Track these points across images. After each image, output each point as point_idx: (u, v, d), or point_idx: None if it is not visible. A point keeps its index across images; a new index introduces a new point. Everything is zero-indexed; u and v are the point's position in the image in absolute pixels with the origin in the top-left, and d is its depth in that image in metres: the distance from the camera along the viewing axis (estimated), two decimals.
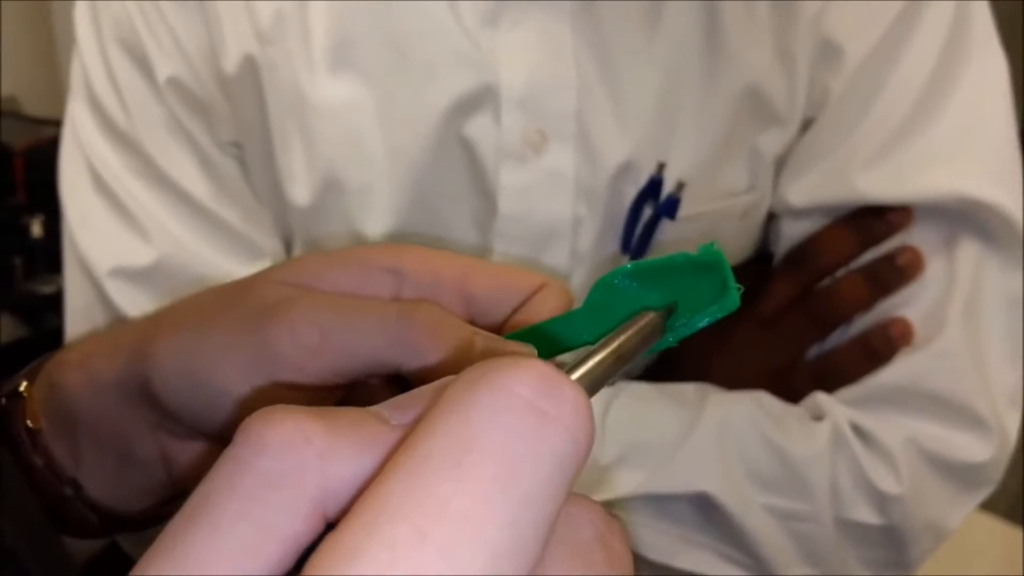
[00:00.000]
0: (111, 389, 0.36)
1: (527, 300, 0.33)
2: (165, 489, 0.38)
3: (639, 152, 0.59)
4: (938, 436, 0.58)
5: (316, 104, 0.59)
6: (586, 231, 0.60)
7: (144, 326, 0.36)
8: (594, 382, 0.30)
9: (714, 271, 0.32)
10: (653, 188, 0.59)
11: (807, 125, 0.62)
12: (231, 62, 0.58)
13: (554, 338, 0.32)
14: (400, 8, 0.58)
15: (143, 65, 0.59)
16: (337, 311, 0.31)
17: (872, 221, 0.60)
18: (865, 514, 0.57)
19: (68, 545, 0.38)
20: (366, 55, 0.58)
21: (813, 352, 0.62)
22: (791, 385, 0.61)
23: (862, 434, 0.58)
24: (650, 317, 0.32)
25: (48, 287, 1.45)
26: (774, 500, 0.57)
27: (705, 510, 0.57)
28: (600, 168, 0.59)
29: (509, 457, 0.16)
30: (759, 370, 0.62)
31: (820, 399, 0.59)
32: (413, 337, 0.30)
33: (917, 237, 0.59)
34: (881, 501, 0.57)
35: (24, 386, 0.38)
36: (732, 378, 0.62)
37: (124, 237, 0.60)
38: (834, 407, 0.59)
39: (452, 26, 0.58)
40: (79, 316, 0.62)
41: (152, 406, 0.34)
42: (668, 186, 0.59)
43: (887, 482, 0.56)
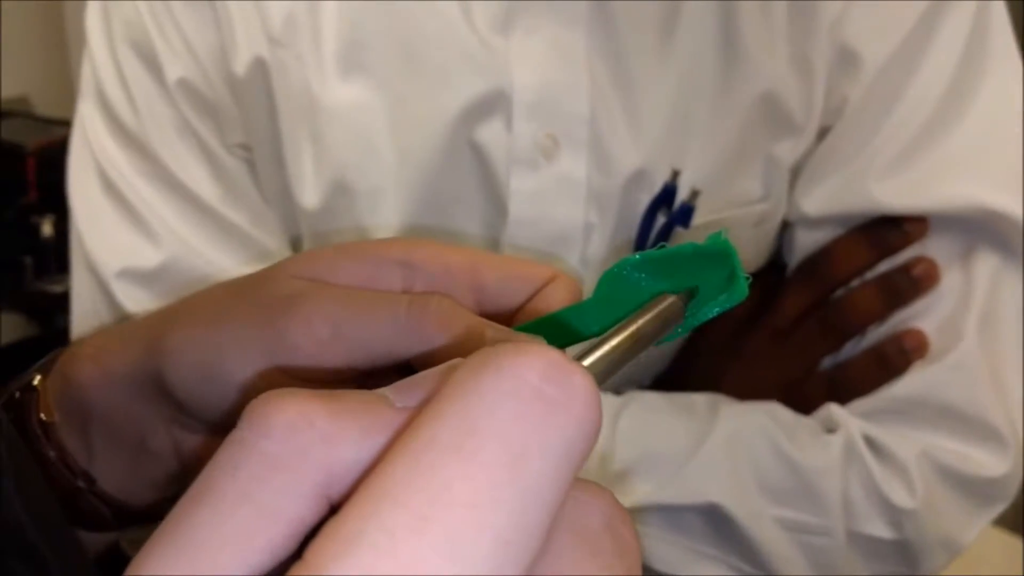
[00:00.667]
0: (124, 382, 0.36)
1: (537, 292, 0.33)
2: (178, 482, 0.38)
3: (652, 159, 0.58)
4: (953, 450, 0.57)
5: (326, 107, 0.58)
6: (597, 238, 0.60)
7: (158, 319, 0.36)
8: (612, 364, 0.29)
9: (723, 261, 0.31)
10: (667, 196, 0.58)
11: (823, 133, 0.61)
12: (241, 64, 0.58)
13: (563, 329, 0.32)
14: (412, 12, 0.57)
15: (153, 66, 0.58)
16: (349, 303, 0.31)
17: (888, 231, 0.59)
18: (878, 528, 0.56)
19: (81, 539, 0.38)
20: (377, 58, 0.58)
21: (826, 363, 0.61)
22: (804, 396, 0.61)
23: (875, 447, 0.57)
24: (670, 301, 0.32)
25: (58, 287, 1.45)
26: (785, 512, 0.56)
27: (715, 522, 0.56)
28: (612, 174, 0.58)
29: (514, 442, 0.16)
30: (772, 381, 0.62)
31: (833, 411, 0.58)
32: (424, 328, 0.30)
33: (933, 248, 0.59)
34: (894, 515, 0.56)
35: (38, 379, 0.38)
36: (744, 389, 0.61)
37: (132, 238, 0.60)
38: (847, 419, 0.58)
39: (465, 30, 0.57)
40: (86, 317, 0.61)
41: (165, 399, 0.34)
42: (682, 194, 0.58)
43: (901, 496, 0.56)
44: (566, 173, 0.58)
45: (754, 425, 0.57)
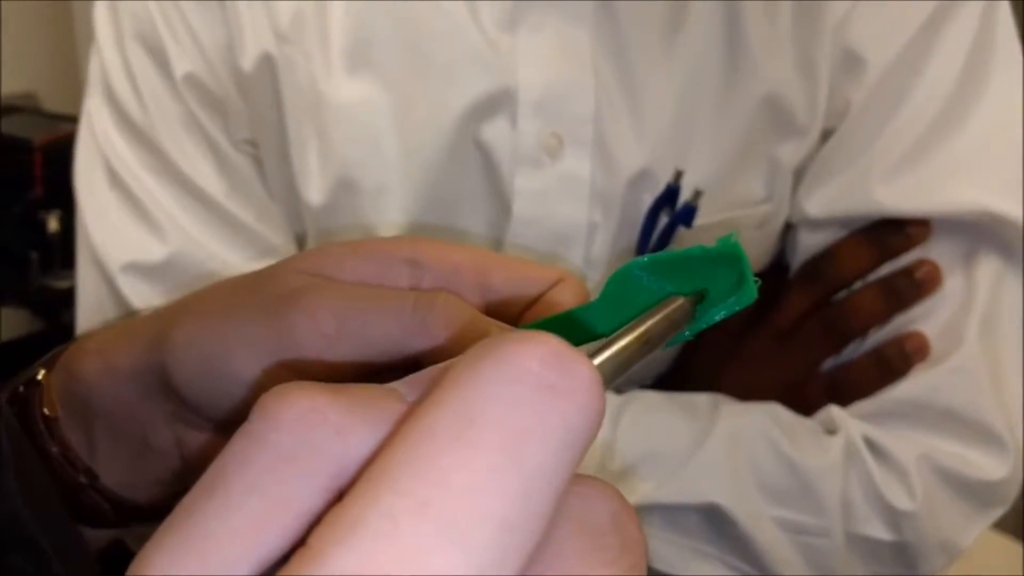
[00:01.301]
0: (128, 378, 0.36)
1: (544, 293, 0.33)
2: (181, 479, 0.38)
3: (656, 159, 0.59)
4: (953, 453, 0.57)
5: (333, 104, 0.58)
6: (601, 237, 0.60)
7: (162, 315, 0.36)
8: (620, 366, 0.29)
9: (731, 264, 0.32)
10: (670, 196, 0.59)
11: (827, 135, 0.61)
12: (249, 60, 0.58)
13: (569, 330, 0.32)
14: (419, 10, 0.58)
15: (161, 61, 0.59)
16: (355, 299, 0.31)
17: (890, 234, 0.59)
18: (877, 530, 0.56)
19: (83, 535, 0.38)
20: (384, 56, 0.58)
21: (828, 365, 0.62)
22: (805, 398, 0.61)
23: (876, 449, 0.57)
24: (680, 302, 0.32)
25: (64, 282, 1.45)
26: (785, 513, 0.56)
27: (715, 521, 0.57)
28: (616, 174, 0.59)
29: (514, 429, 0.16)
30: (773, 382, 0.62)
31: (834, 412, 0.59)
32: (430, 325, 0.31)
33: (935, 251, 0.59)
34: (894, 517, 0.56)
35: (42, 374, 0.38)
36: (745, 389, 0.61)
37: (138, 233, 0.60)
38: (848, 421, 0.58)
39: (471, 29, 0.57)
40: (91, 311, 0.62)
41: (168, 395, 0.34)
42: (685, 194, 0.58)
43: (900, 498, 0.56)
44: (570, 172, 0.58)
45: (754, 425, 0.57)
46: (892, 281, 0.59)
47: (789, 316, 0.62)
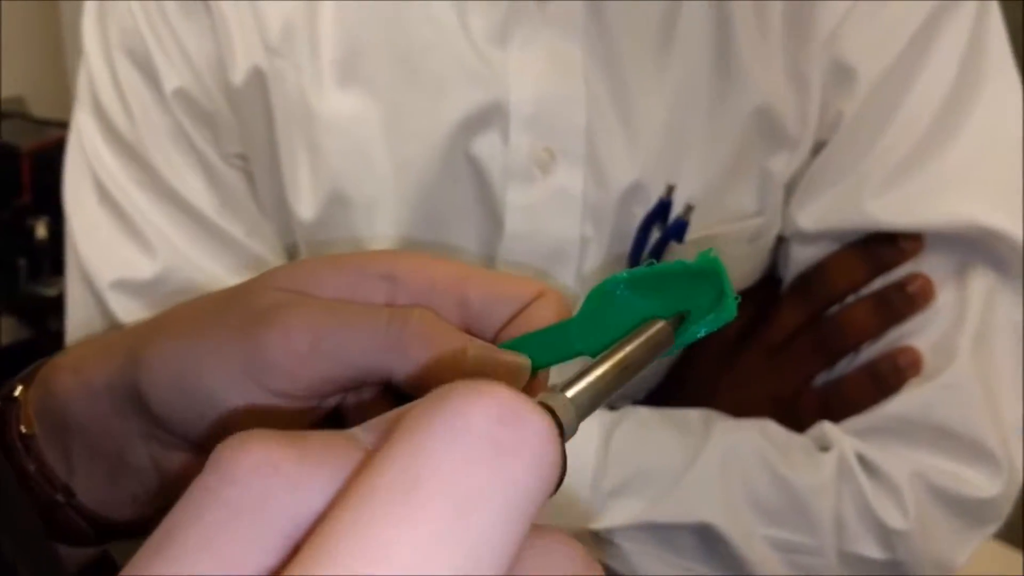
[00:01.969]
0: (103, 395, 0.35)
1: (524, 308, 0.32)
2: (159, 497, 0.37)
3: (648, 173, 0.58)
4: (946, 470, 0.57)
5: (323, 117, 0.58)
6: (593, 252, 0.59)
7: (138, 331, 0.36)
8: (598, 394, 0.29)
9: (712, 280, 0.31)
10: (661, 210, 0.58)
11: (818, 148, 0.61)
12: (239, 74, 0.58)
13: (549, 347, 0.32)
14: (410, 23, 0.57)
15: (150, 76, 0.58)
16: (329, 317, 0.31)
17: (883, 248, 0.59)
18: (870, 548, 0.56)
19: (60, 553, 0.38)
20: (375, 69, 0.58)
21: (820, 380, 0.61)
22: (797, 413, 0.60)
23: (868, 466, 0.57)
24: (660, 325, 0.32)
25: (52, 289, 1.45)
26: (777, 532, 0.56)
27: (707, 541, 0.56)
28: (608, 188, 0.58)
29: (461, 493, 0.15)
30: (765, 397, 0.62)
31: (826, 428, 0.58)
32: (405, 343, 0.30)
33: (928, 265, 0.58)
34: (886, 536, 0.56)
35: (19, 390, 0.38)
36: (737, 405, 0.61)
37: (127, 249, 0.59)
38: (840, 437, 0.58)
39: (462, 42, 0.57)
40: (80, 328, 0.61)
41: (143, 414, 0.34)
42: (676, 208, 0.58)
43: (893, 516, 0.56)
44: (562, 187, 0.58)
45: (747, 443, 0.57)
46: (885, 295, 0.59)
47: (781, 330, 0.62)
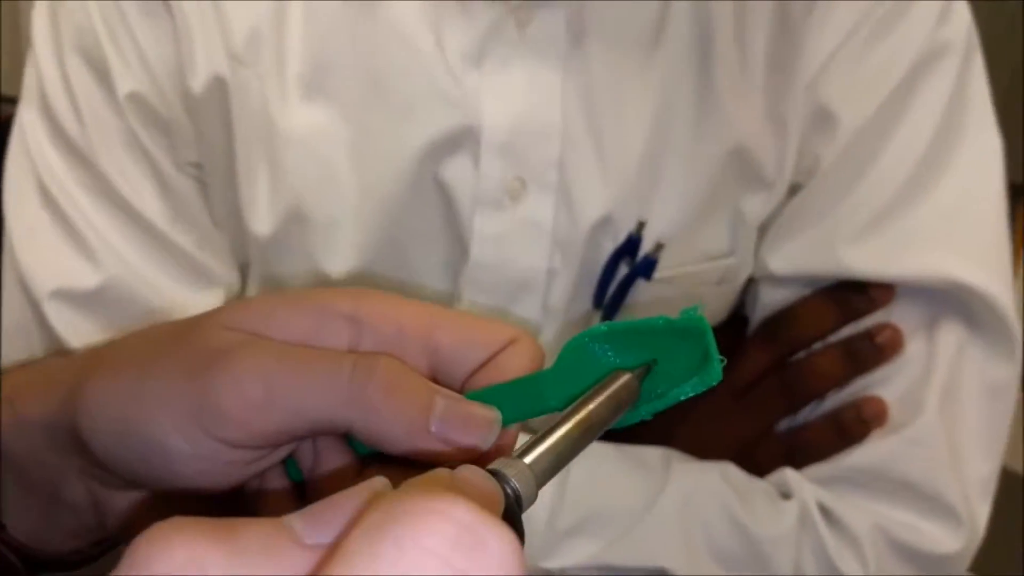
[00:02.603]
0: (39, 430, 0.33)
1: (496, 355, 0.30)
2: (95, 531, 0.35)
3: (619, 207, 0.57)
4: (907, 524, 0.56)
5: (286, 132, 0.56)
6: (559, 285, 0.58)
7: (79, 364, 0.33)
8: (559, 458, 0.27)
9: (696, 339, 0.30)
10: (630, 246, 0.57)
11: (794, 191, 0.60)
12: (199, 81, 0.55)
13: (520, 399, 0.30)
14: (382, 39, 0.55)
15: (103, 77, 0.55)
16: (286, 363, 0.29)
17: (853, 295, 0.58)
18: None
19: None
20: (342, 85, 0.55)
21: (783, 425, 0.60)
22: (758, 457, 0.59)
23: (829, 516, 0.56)
24: (624, 380, 0.30)
25: None
26: None
27: None
28: (578, 221, 0.57)
29: None
30: (726, 439, 0.60)
31: (788, 476, 0.57)
32: (368, 396, 0.28)
33: (898, 315, 0.58)
34: None
35: None
36: (698, 445, 0.60)
37: (69, 257, 0.56)
38: (802, 485, 0.57)
39: (435, 62, 0.55)
40: (14, 339, 0.58)
41: (82, 452, 0.32)
42: (647, 244, 0.57)
43: (852, 568, 0.55)
44: (532, 217, 0.56)
45: (707, 487, 0.56)
46: (853, 344, 0.58)
47: (746, 374, 0.61)
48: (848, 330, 0.59)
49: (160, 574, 0.15)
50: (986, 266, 0.56)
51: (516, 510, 0.24)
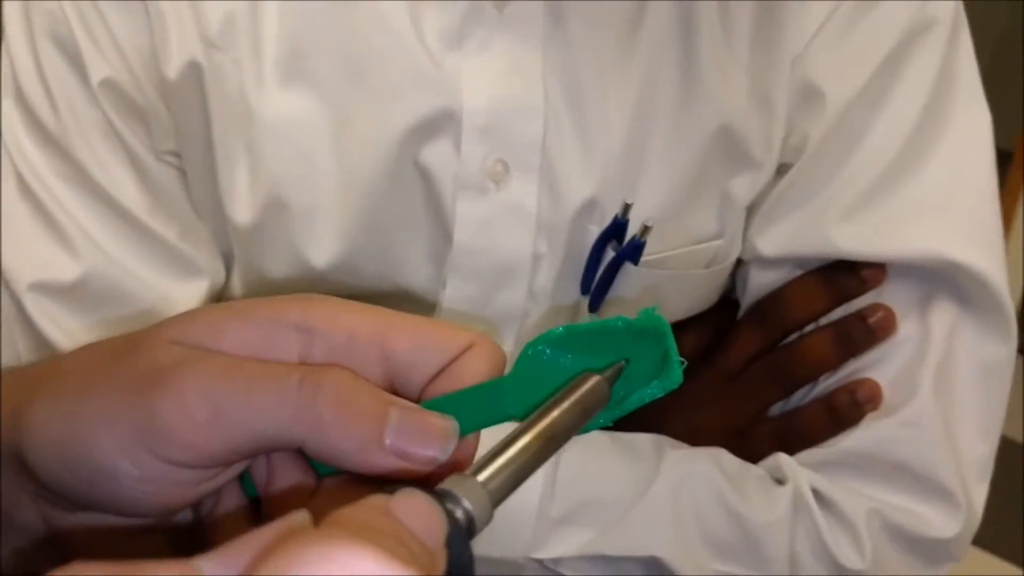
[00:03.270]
0: None
1: (454, 360, 0.29)
2: (45, 550, 0.34)
3: (604, 189, 0.56)
4: (903, 508, 0.55)
5: (264, 118, 0.55)
6: (545, 270, 0.57)
7: (23, 382, 0.32)
8: (519, 471, 0.26)
9: (655, 340, 0.29)
10: (617, 229, 0.56)
11: (782, 171, 0.59)
12: (173, 67, 0.54)
13: (478, 407, 0.29)
14: (360, 22, 0.54)
15: (76, 64, 0.54)
16: (231, 379, 0.27)
17: (844, 276, 0.57)
18: None
19: None
20: (320, 69, 0.55)
21: (776, 410, 0.59)
22: (750, 443, 0.58)
23: (824, 502, 0.55)
24: (592, 383, 0.29)
25: None
26: (728, 568, 0.54)
27: (656, 574, 0.54)
28: (563, 204, 0.56)
29: None
30: (718, 425, 0.60)
31: (782, 460, 0.56)
32: (317, 411, 0.27)
33: (890, 296, 0.57)
34: (841, 574, 0.54)
35: None
36: (689, 431, 0.59)
37: (48, 249, 0.55)
38: (796, 470, 0.56)
39: (414, 44, 0.54)
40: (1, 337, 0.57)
41: (29, 475, 0.30)
42: (633, 227, 0.56)
43: (848, 555, 0.54)
44: (516, 200, 0.55)
45: (699, 473, 0.55)
46: (845, 326, 0.57)
47: (737, 358, 0.60)
48: (840, 312, 0.58)
49: None
50: (979, 244, 0.55)
51: (461, 535, 0.23)
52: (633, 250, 0.56)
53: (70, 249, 0.55)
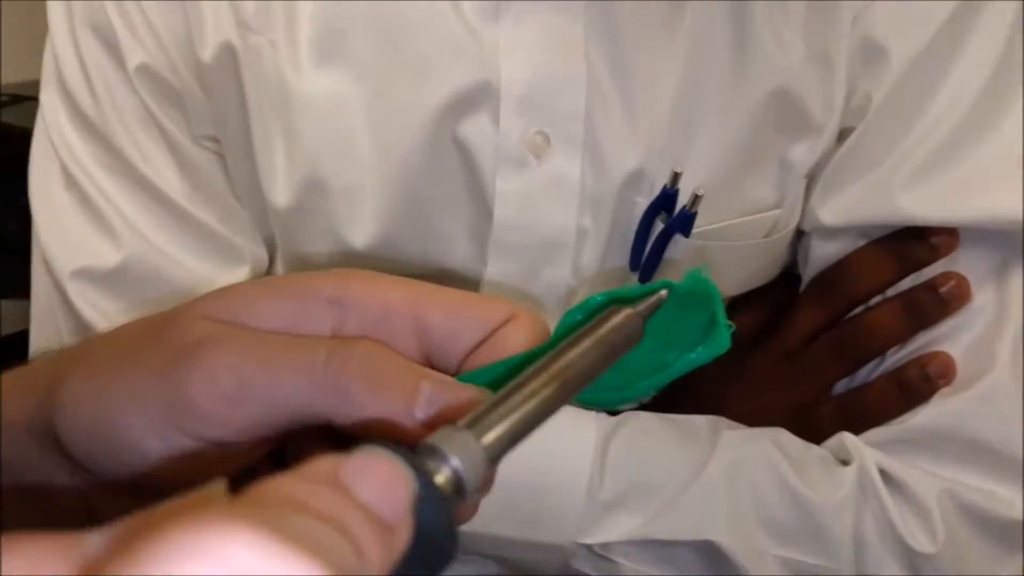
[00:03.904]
0: (24, 434, 0.32)
1: (493, 332, 0.28)
2: (84, 531, 0.33)
3: (652, 159, 0.53)
4: (980, 489, 0.51)
5: (300, 98, 0.54)
6: (591, 245, 0.55)
7: (57, 363, 0.32)
8: (524, 423, 0.23)
9: (701, 303, 0.27)
10: (666, 200, 0.53)
11: (844, 135, 0.55)
12: (209, 50, 0.54)
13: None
14: None
15: (114, 52, 0.54)
16: (259, 353, 0.27)
17: (913, 244, 0.54)
18: (892, 573, 0.51)
19: None
20: (357, 47, 0.53)
21: (840, 388, 0.56)
22: (814, 423, 0.56)
23: (893, 483, 0.52)
24: (622, 316, 0.27)
25: None
26: (789, 553, 0.51)
27: (711, 560, 0.51)
28: (608, 176, 0.53)
29: None
30: (779, 405, 0.57)
31: (847, 440, 0.53)
32: (345, 384, 0.26)
33: (964, 263, 0.53)
34: (912, 560, 0.50)
35: None
36: (749, 412, 0.56)
37: (90, 236, 0.56)
38: (862, 450, 0.53)
39: (451, 17, 0.52)
40: (43, 321, 0.58)
41: (67, 454, 0.30)
42: (683, 198, 0.53)
43: (920, 539, 0.50)
44: (558, 173, 0.53)
45: (758, 454, 0.52)
46: (914, 296, 0.54)
47: (799, 334, 0.57)
48: (908, 282, 0.54)
49: None
50: None
51: (437, 499, 0.20)
52: (683, 221, 0.53)
53: (111, 236, 0.56)
